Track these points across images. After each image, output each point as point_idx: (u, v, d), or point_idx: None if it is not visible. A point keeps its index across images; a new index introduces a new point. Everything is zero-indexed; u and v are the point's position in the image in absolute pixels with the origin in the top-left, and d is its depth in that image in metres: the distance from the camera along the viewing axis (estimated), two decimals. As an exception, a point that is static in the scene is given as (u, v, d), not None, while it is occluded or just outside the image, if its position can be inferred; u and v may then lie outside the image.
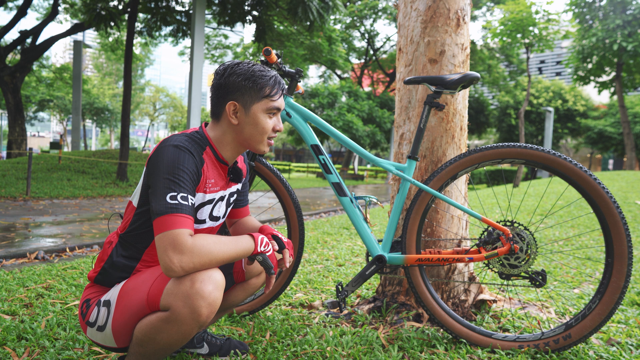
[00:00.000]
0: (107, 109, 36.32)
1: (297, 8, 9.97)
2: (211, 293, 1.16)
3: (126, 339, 1.26)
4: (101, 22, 10.75)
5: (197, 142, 1.31)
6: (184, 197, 1.18)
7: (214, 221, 1.43)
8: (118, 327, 1.24)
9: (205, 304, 1.15)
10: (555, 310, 2.14)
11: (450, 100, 1.97)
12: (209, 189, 1.35)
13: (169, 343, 1.21)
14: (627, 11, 18.23)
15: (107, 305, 1.27)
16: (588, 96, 30.49)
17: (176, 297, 1.15)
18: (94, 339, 1.30)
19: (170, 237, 1.13)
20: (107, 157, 12.99)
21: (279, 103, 1.36)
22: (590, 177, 1.56)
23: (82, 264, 3.05)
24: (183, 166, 1.21)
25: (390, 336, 1.78)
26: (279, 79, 1.36)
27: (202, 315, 1.15)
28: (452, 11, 1.97)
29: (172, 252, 1.12)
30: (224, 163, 1.38)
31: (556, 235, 4.37)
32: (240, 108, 1.32)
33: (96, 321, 1.27)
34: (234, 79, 1.31)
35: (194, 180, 1.25)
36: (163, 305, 1.18)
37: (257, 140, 1.36)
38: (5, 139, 35.81)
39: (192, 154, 1.26)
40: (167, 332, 1.18)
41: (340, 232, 4.75)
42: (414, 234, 1.76)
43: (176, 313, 1.15)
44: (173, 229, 1.14)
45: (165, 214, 1.15)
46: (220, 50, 23.24)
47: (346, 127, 20.27)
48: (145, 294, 1.21)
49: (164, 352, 1.25)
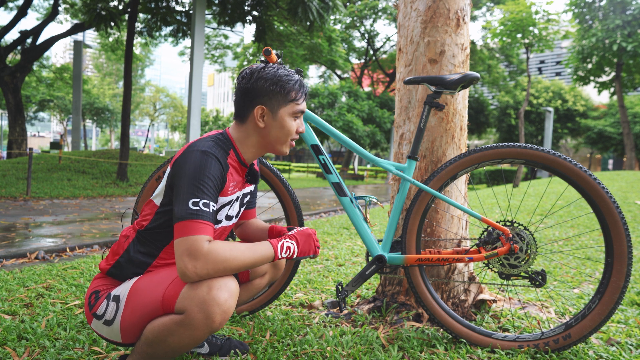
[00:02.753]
0: (107, 109, 36.33)
1: (297, 8, 9.98)
2: (226, 301, 1.18)
3: (132, 336, 1.27)
4: (101, 22, 10.75)
5: (221, 147, 1.34)
6: (205, 204, 1.20)
7: (228, 220, 1.46)
8: (126, 324, 1.25)
9: (220, 311, 1.17)
10: (555, 310, 2.14)
11: (450, 100, 1.97)
12: (230, 192, 1.38)
13: (179, 346, 1.22)
14: (626, 11, 18.24)
15: (116, 301, 1.27)
16: (588, 96, 30.50)
17: (192, 302, 1.17)
18: (99, 331, 1.31)
19: (188, 243, 1.16)
20: (107, 157, 12.99)
21: (303, 106, 1.42)
22: (590, 177, 1.56)
23: (82, 264, 3.05)
24: (209, 172, 1.24)
25: (390, 336, 1.78)
26: (303, 83, 1.41)
27: (216, 322, 1.17)
28: (452, 11, 1.97)
29: (187, 258, 1.15)
30: (244, 165, 1.42)
31: (556, 235, 4.37)
32: (267, 112, 1.36)
33: (104, 315, 1.28)
34: (262, 83, 1.34)
35: (217, 187, 1.27)
36: (178, 309, 1.19)
37: (282, 142, 1.40)
38: (6, 139, 35.82)
39: (219, 161, 1.28)
40: (179, 335, 1.19)
41: (340, 232, 4.75)
42: (413, 234, 1.76)
43: (191, 317, 1.17)
44: (191, 235, 1.16)
45: (186, 219, 1.17)
46: (220, 50, 23.25)
47: (346, 127, 20.28)
48: (161, 295, 1.22)
49: (171, 355, 1.25)
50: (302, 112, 1.42)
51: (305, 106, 1.44)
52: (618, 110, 23.64)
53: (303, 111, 1.42)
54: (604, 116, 28.87)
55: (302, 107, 1.41)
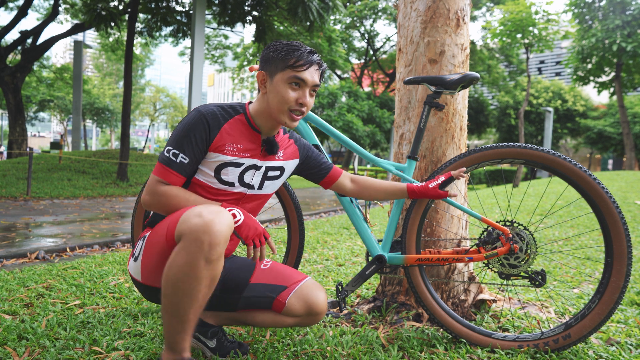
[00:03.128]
0: (108, 109, 36.33)
1: (297, 8, 9.98)
2: (213, 221, 1.18)
3: (149, 276, 1.36)
4: (101, 22, 10.75)
5: (226, 111, 1.42)
6: (175, 154, 1.35)
7: (247, 188, 1.47)
8: (145, 261, 1.37)
9: (207, 229, 1.16)
10: (554, 310, 2.14)
11: (450, 100, 1.97)
12: (232, 152, 1.41)
13: (179, 277, 1.19)
14: (626, 12, 18.24)
15: (142, 239, 1.43)
16: (587, 96, 30.49)
17: (183, 225, 1.20)
18: (130, 270, 1.44)
19: (150, 180, 1.38)
20: (107, 157, 13.00)
21: (303, 75, 1.36)
22: (590, 177, 1.56)
23: (83, 264, 3.05)
24: (189, 128, 1.36)
25: (390, 336, 1.78)
26: (311, 56, 1.38)
27: (205, 242, 1.16)
28: (451, 11, 1.97)
29: (145, 190, 1.38)
30: (256, 130, 1.44)
31: (556, 235, 4.37)
32: (267, 77, 1.40)
33: (135, 253, 1.43)
34: (269, 52, 1.39)
35: (198, 142, 1.36)
36: (177, 236, 1.23)
37: (278, 110, 1.39)
38: (6, 139, 35.78)
39: (207, 121, 1.37)
40: (177, 263, 1.19)
41: (340, 232, 4.75)
42: (413, 233, 1.76)
43: (185, 241, 1.18)
44: (153, 175, 1.37)
45: (158, 161, 1.38)
46: (220, 50, 23.24)
47: (346, 127, 20.28)
48: (165, 229, 1.31)
49: (181, 293, 1.21)
50: (303, 81, 1.36)
51: (310, 77, 1.37)
52: (618, 111, 23.65)
53: (303, 79, 1.35)
54: (604, 116, 28.86)
55: (300, 75, 1.35)
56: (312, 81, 1.38)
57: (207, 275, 1.20)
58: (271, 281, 1.49)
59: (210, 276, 1.21)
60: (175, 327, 1.25)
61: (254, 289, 1.47)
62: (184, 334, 1.27)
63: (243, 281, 1.48)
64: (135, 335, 1.76)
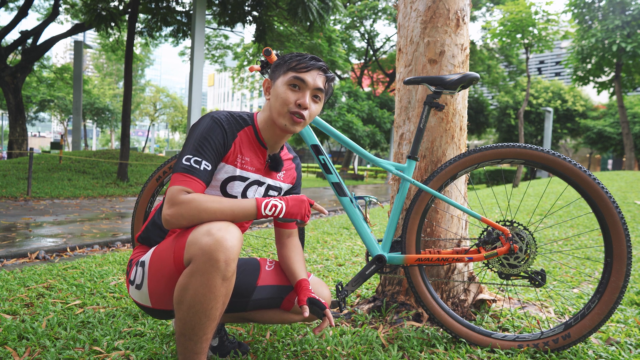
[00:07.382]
0: (108, 109, 36.33)
1: (297, 8, 9.99)
2: (225, 238, 1.15)
3: (159, 300, 1.31)
4: (102, 22, 10.77)
5: (237, 121, 1.39)
6: (197, 162, 1.27)
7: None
8: (153, 288, 1.30)
9: (221, 248, 1.14)
10: (554, 310, 2.14)
11: (449, 100, 1.97)
12: (241, 165, 1.39)
13: (199, 301, 1.17)
14: (626, 12, 18.24)
15: (142, 266, 1.34)
16: (587, 96, 30.50)
17: (194, 247, 1.16)
18: (134, 296, 1.38)
19: (170, 192, 1.24)
20: (107, 157, 13.00)
21: (303, 75, 1.34)
22: (590, 177, 1.56)
23: (83, 264, 3.05)
24: (208, 135, 1.31)
25: (390, 336, 1.78)
26: (313, 61, 1.36)
27: (220, 260, 1.14)
28: (451, 12, 1.97)
29: (167, 204, 1.23)
30: (263, 145, 1.42)
31: (555, 235, 4.37)
32: (270, 83, 1.40)
33: (135, 280, 1.36)
34: (277, 61, 1.40)
35: (217, 150, 1.32)
36: (186, 260, 1.20)
37: (278, 112, 1.34)
38: (6, 139, 35.77)
39: (223, 127, 1.34)
40: (194, 287, 1.16)
41: (340, 232, 4.76)
42: (413, 233, 1.76)
43: (196, 263, 1.15)
44: (175, 185, 1.24)
45: (176, 172, 1.26)
46: (220, 50, 23.24)
47: (346, 127, 20.28)
48: (172, 252, 1.25)
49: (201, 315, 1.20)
50: (303, 82, 1.34)
51: (311, 80, 1.35)
52: (617, 111, 23.65)
53: (302, 80, 1.33)
54: (604, 116, 28.86)
55: (300, 75, 1.33)
56: (313, 84, 1.34)
57: (223, 293, 1.19)
58: (278, 282, 1.51)
59: (226, 293, 1.20)
60: (192, 348, 1.24)
61: (262, 292, 1.48)
62: (202, 354, 1.25)
63: (250, 285, 1.48)
64: (136, 335, 1.77)
